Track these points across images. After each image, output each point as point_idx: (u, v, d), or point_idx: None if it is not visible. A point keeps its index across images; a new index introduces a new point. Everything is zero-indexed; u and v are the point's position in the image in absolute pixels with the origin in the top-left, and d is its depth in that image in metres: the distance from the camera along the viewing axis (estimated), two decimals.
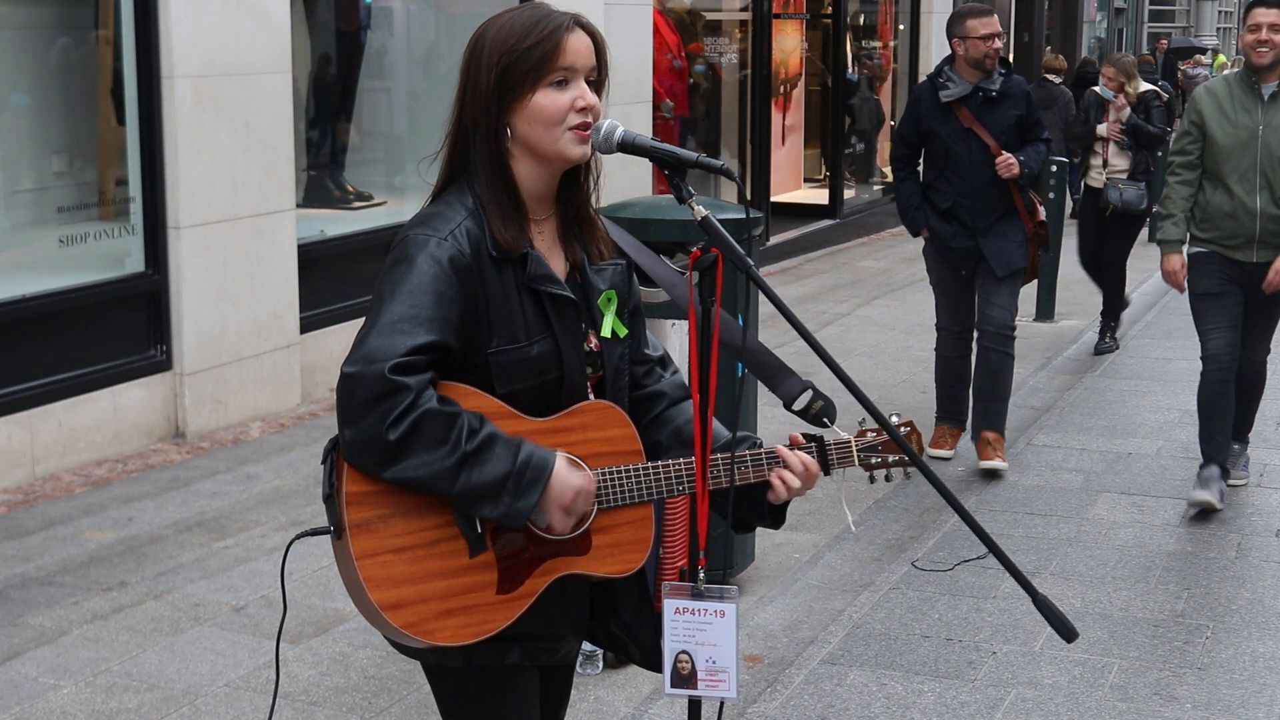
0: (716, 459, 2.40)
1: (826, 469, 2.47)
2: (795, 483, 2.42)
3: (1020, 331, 9.84)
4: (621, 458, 2.37)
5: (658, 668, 2.48)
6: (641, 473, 2.37)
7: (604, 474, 2.35)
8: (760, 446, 2.47)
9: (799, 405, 2.48)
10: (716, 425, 2.49)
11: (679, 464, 2.38)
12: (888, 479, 2.51)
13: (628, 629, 2.50)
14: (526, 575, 2.30)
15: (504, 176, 2.33)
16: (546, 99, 2.30)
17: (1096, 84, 9.72)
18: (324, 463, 2.31)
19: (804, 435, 2.49)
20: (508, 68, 2.29)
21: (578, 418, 2.35)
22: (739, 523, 2.55)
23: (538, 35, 2.30)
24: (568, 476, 2.27)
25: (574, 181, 2.42)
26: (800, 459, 2.43)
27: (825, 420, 2.48)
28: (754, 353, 2.52)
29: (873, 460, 2.50)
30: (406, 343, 2.18)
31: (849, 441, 2.49)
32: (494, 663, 2.37)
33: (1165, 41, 23.80)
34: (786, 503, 2.47)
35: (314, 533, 2.35)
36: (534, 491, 2.23)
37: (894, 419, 2.48)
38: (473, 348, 2.28)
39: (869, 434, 2.50)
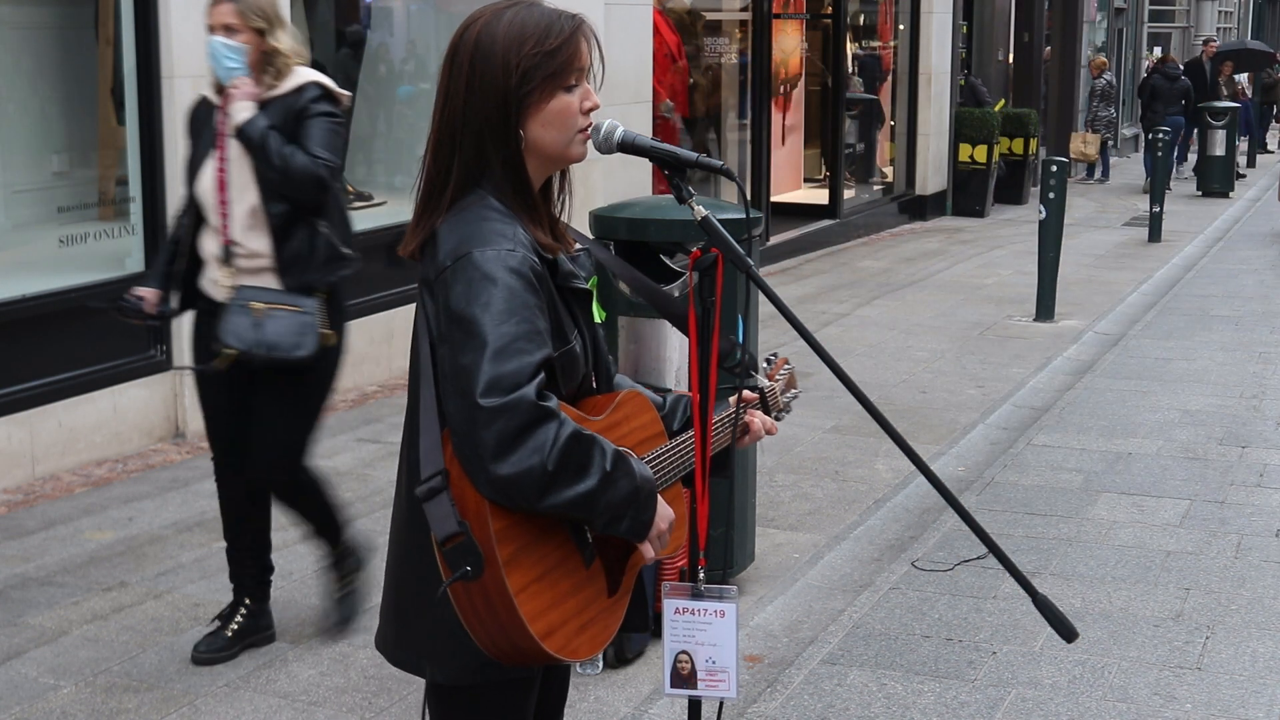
0: (720, 422, 2.53)
1: (768, 413, 2.71)
2: (762, 429, 2.63)
3: (1020, 331, 9.87)
4: (654, 441, 2.43)
5: (635, 626, 2.51)
6: (672, 452, 2.42)
7: (647, 459, 2.37)
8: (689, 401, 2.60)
9: (731, 361, 2.59)
10: (643, 388, 2.57)
11: (690, 437, 2.45)
12: (785, 412, 2.81)
13: None
14: (623, 572, 2.34)
15: (525, 180, 2.30)
16: (562, 103, 2.28)
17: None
18: (429, 500, 2.17)
19: (748, 389, 2.65)
20: (529, 71, 2.24)
21: (621, 411, 2.38)
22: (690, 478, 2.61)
23: (559, 38, 2.26)
24: (665, 504, 2.31)
25: (549, 179, 2.41)
26: (764, 421, 2.64)
27: (752, 371, 2.65)
28: (681, 316, 2.51)
29: (784, 399, 2.80)
30: (530, 362, 2.12)
31: (774, 387, 2.76)
32: (538, 667, 2.36)
33: (1214, 44, 22.85)
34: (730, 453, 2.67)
35: (454, 580, 2.15)
36: (653, 502, 2.26)
37: (775, 357, 2.81)
38: None
39: (775, 376, 2.78)
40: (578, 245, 2.49)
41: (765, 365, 2.78)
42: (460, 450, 2.12)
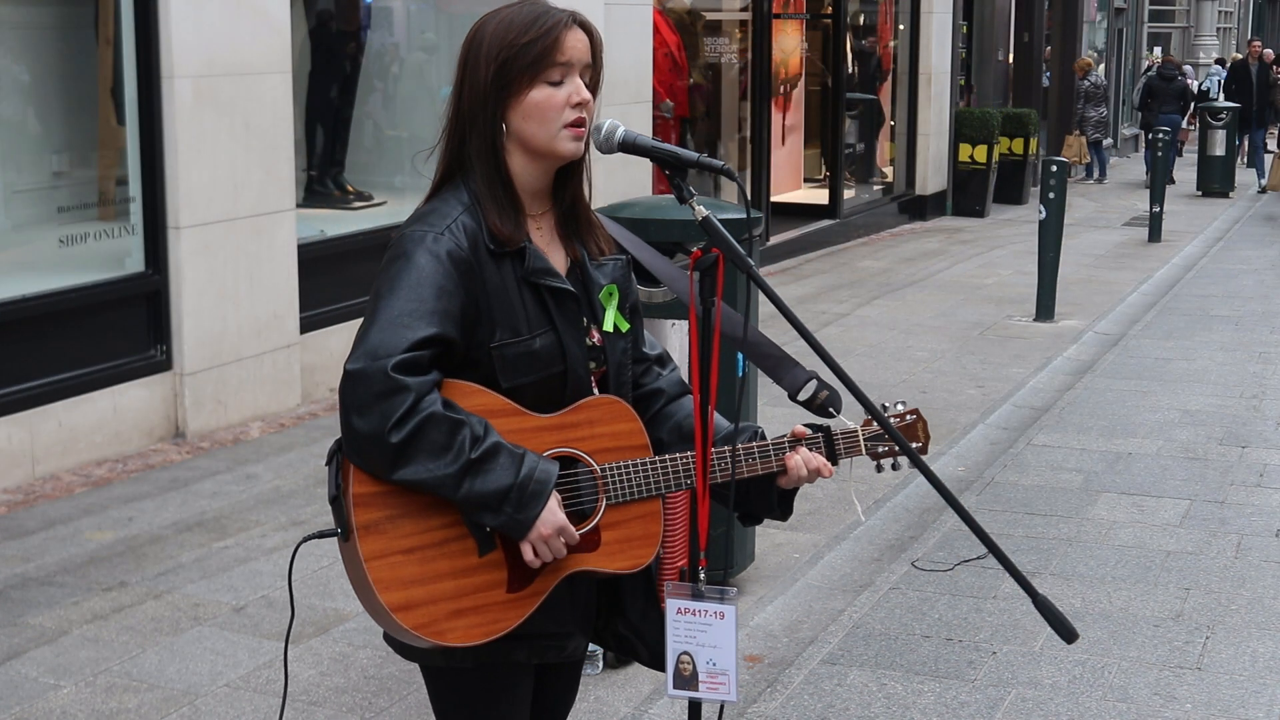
0: (723, 453, 2.40)
1: (834, 459, 2.48)
2: (804, 470, 2.44)
3: (1020, 331, 9.87)
4: (629, 452, 2.38)
5: (663, 666, 2.47)
6: (649, 467, 2.37)
7: (612, 469, 2.35)
8: (761, 436, 2.49)
9: (804, 395, 2.48)
10: (718, 417, 2.50)
11: (687, 457, 2.38)
12: (894, 467, 2.51)
13: (635, 629, 2.50)
14: (536, 573, 2.30)
15: (499, 170, 2.34)
16: (542, 94, 2.31)
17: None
18: (329, 464, 2.31)
19: (809, 426, 2.50)
20: (506, 62, 2.30)
21: (584, 413, 2.35)
22: (747, 515, 2.56)
23: (537, 31, 2.30)
24: (558, 511, 2.27)
25: (568, 178, 2.43)
26: (807, 460, 2.44)
27: (831, 410, 2.48)
28: (756, 344, 2.51)
29: (879, 449, 2.51)
30: (408, 337, 2.17)
31: (855, 431, 2.51)
32: (501, 661, 2.37)
33: (1258, 44, 22.24)
34: (794, 492, 2.50)
35: (320, 535, 2.33)
36: (537, 503, 2.23)
37: (899, 407, 2.53)
38: (475, 342, 2.28)
39: (875, 422, 2.50)
40: (611, 254, 2.48)
41: (881, 409, 2.46)
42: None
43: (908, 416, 2.55)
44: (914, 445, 2.50)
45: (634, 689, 4.27)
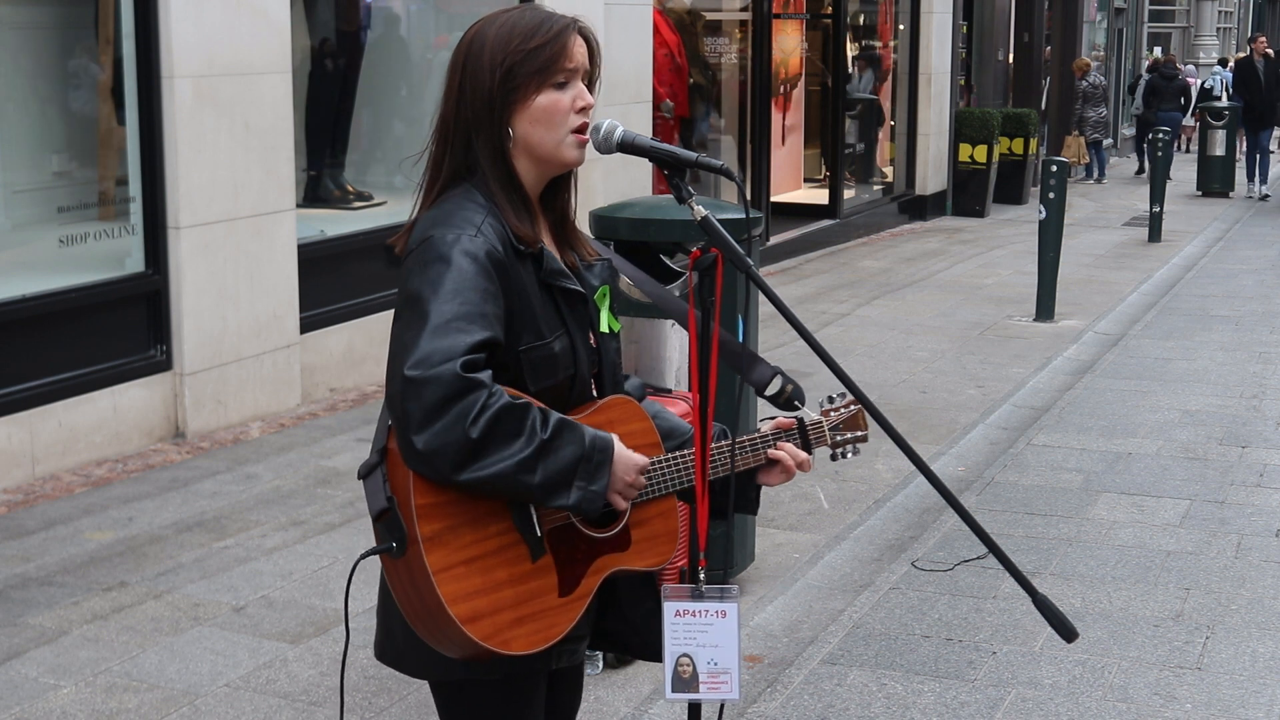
0: (721, 448, 2.44)
1: (808, 450, 2.57)
2: (791, 462, 2.51)
3: (1020, 331, 9.87)
4: (644, 451, 2.39)
5: (658, 656, 2.47)
6: (665, 465, 2.39)
7: None
8: (726, 434, 2.53)
9: (771, 390, 2.54)
10: (680, 421, 2.53)
11: (693, 454, 2.40)
12: (844, 455, 2.63)
13: (629, 621, 2.49)
14: (582, 575, 2.31)
15: (510, 175, 2.34)
16: (549, 99, 2.32)
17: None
18: (364, 478, 2.26)
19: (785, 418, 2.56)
20: (512, 68, 2.29)
21: (604, 414, 2.37)
22: (720, 511, 2.58)
23: (544, 36, 2.31)
24: (629, 454, 2.29)
25: (559, 186, 2.44)
26: (793, 454, 2.51)
27: (796, 403, 2.55)
28: (723, 341, 2.51)
29: (838, 438, 2.62)
30: (465, 340, 2.14)
31: (820, 422, 2.61)
32: (524, 670, 2.36)
33: (1263, 40, 22.06)
34: (760, 488, 2.57)
35: (375, 552, 2.26)
36: (605, 471, 2.24)
37: (840, 399, 2.63)
38: (504, 345, 2.26)
39: (831, 413, 2.63)
40: (599, 255, 2.50)
41: (829, 401, 2.64)
42: (394, 424, 2.17)
43: (850, 406, 2.65)
44: (861, 432, 2.65)
45: (634, 689, 4.27)
